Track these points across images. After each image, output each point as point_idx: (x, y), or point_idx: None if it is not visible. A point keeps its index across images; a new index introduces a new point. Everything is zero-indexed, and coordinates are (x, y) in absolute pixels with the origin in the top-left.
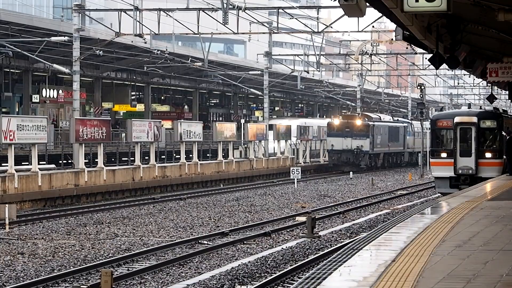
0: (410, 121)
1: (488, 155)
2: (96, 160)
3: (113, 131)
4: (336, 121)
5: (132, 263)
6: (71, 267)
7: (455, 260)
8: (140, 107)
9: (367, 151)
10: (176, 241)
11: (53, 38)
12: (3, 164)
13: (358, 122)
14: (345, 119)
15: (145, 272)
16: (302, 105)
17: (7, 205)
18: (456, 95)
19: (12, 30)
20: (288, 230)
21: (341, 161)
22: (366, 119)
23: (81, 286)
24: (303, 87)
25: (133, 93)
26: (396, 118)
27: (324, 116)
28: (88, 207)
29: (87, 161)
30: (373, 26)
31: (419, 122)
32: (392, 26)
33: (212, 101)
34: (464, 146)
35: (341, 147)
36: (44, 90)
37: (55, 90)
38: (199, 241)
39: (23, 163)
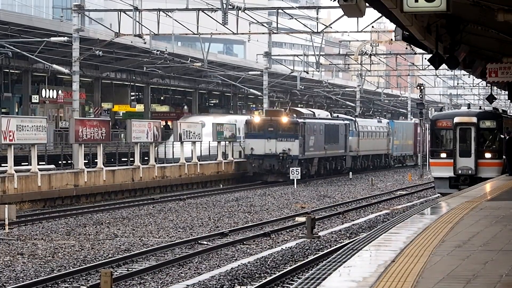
0: (353, 118)
1: (487, 155)
2: (95, 160)
3: (112, 132)
4: (257, 119)
5: (132, 263)
6: (71, 268)
7: (454, 261)
8: (139, 107)
9: (296, 155)
10: (176, 241)
11: (52, 39)
12: (2, 165)
13: (284, 119)
14: (268, 116)
15: (144, 273)
16: (302, 106)
17: (6, 205)
18: (456, 95)
19: (11, 30)
20: (287, 231)
21: (264, 168)
22: (295, 115)
23: (81, 287)
24: (303, 87)
25: (133, 93)
26: (336, 115)
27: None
28: (88, 208)
29: (86, 161)
30: (372, 27)
31: (367, 119)
32: (392, 26)
33: (212, 102)
34: (464, 146)
35: (263, 151)
36: (43, 90)
37: (55, 91)
38: (199, 241)
39: (22, 164)
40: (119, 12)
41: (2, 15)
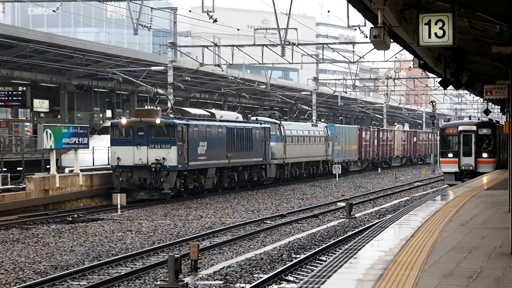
0: (277, 122)
1: (484, 155)
2: None
3: None
4: (123, 121)
5: (213, 237)
6: (168, 241)
7: (459, 236)
8: None
9: (174, 166)
10: (247, 221)
11: (153, 68)
12: None
13: (157, 120)
14: (138, 117)
15: (223, 245)
16: (342, 118)
17: (119, 194)
18: (460, 109)
19: (121, 61)
20: (331, 213)
21: (133, 183)
22: (174, 116)
23: (175, 255)
24: (342, 104)
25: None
26: (254, 118)
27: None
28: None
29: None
30: (396, 57)
31: (298, 122)
32: (410, 57)
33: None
34: (466, 148)
35: (132, 161)
36: (146, 107)
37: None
38: (264, 221)
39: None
40: (203, 48)
41: (114, 50)
